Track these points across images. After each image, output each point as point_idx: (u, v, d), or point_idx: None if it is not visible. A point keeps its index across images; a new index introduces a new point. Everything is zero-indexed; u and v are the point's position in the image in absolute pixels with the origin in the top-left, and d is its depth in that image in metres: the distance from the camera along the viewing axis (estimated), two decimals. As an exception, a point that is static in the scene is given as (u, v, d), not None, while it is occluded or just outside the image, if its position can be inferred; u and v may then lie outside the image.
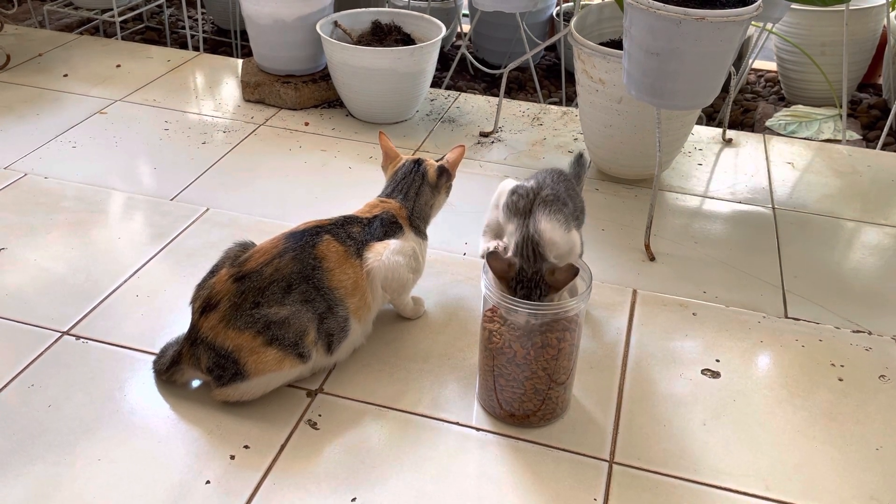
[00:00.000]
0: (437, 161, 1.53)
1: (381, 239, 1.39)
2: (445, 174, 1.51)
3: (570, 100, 2.73)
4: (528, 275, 1.16)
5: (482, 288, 1.21)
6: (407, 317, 1.51)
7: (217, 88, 2.43)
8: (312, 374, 1.35)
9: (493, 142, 2.30)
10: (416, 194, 1.48)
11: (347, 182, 2.05)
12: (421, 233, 1.47)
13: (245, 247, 1.35)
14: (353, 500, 1.15)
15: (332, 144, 2.27)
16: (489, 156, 2.25)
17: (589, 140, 2.10)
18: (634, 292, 1.63)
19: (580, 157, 1.49)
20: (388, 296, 1.42)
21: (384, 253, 1.36)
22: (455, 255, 1.74)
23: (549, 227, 1.21)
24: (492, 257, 1.17)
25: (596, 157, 2.11)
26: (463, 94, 2.47)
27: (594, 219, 1.92)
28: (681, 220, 1.95)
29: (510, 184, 1.31)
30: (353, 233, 1.37)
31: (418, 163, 1.49)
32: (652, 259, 1.75)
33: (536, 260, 1.17)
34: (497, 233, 1.30)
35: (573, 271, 1.16)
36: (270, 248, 1.30)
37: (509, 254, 1.21)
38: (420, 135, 2.35)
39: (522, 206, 1.24)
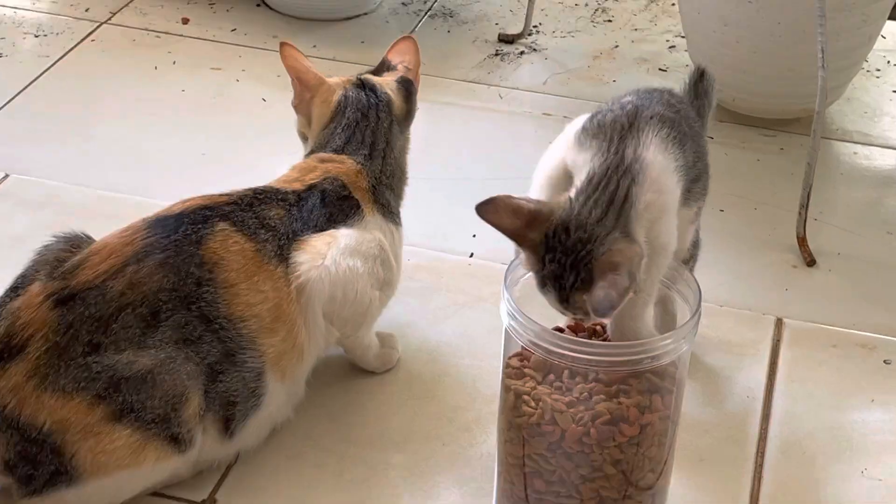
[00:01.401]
0: (377, 74, 1.55)
1: (322, 228, 1.39)
2: (413, 91, 1.54)
3: (662, -23, 2.75)
4: (573, 237, 1.14)
5: (503, 316, 1.21)
6: (369, 368, 1.52)
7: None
8: (198, 472, 1.36)
9: (522, 52, 2.31)
10: (385, 143, 1.49)
11: (260, 126, 2.05)
12: (392, 214, 1.48)
13: (74, 244, 1.35)
14: None
15: (231, 58, 2.26)
16: (515, 78, 2.24)
17: (696, 49, 2.10)
18: (779, 323, 1.63)
19: (701, 76, 1.47)
20: (337, 331, 1.43)
21: (328, 253, 1.37)
22: (455, 257, 1.75)
23: (661, 160, 1.21)
24: (484, 207, 1.15)
25: (709, 81, 2.14)
26: (469, -32, 2.48)
27: (706, 191, 1.93)
28: (863, 194, 1.94)
29: (581, 122, 1.30)
30: (271, 218, 1.37)
31: (369, 87, 1.51)
32: (810, 263, 1.75)
33: (607, 215, 1.14)
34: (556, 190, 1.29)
35: (606, 302, 1.11)
36: (120, 248, 1.31)
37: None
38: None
39: (613, 119, 1.23)
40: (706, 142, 1.39)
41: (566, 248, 1.14)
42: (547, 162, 1.29)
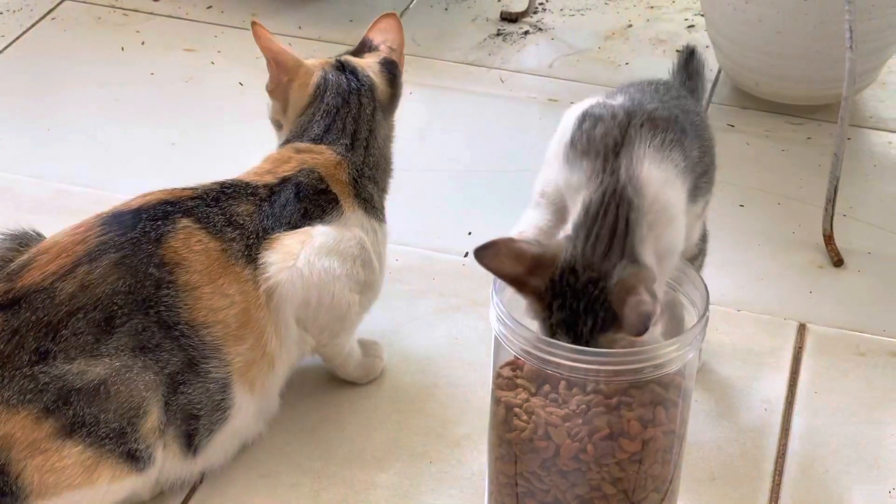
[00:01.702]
0: (357, 55, 1.55)
1: (296, 226, 1.40)
2: (398, 74, 1.54)
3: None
4: (582, 279, 1.17)
5: (493, 322, 1.21)
6: (350, 378, 1.53)
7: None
8: (159, 492, 1.36)
9: (526, 32, 2.31)
10: (368, 132, 1.50)
11: (237, 113, 2.05)
12: (375, 210, 1.49)
13: (22, 242, 1.35)
14: None
15: (205, 38, 2.26)
16: (520, 59, 2.24)
17: (715, 29, 2.10)
18: (802, 329, 1.63)
19: (691, 55, 1.48)
20: (313, 338, 1.43)
21: (301, 253, 1.37)
22: (447, 257, 1.75)
23: (657, 175, 1.21)
24: (483, 252, 1.15)
25: (729, 64, 2.12)
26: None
27: (724, 184, 1.87)
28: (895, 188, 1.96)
29: (583, 106, 1.30)
30: (240, 215, 1.38)
31: (350, 70, 1.51)
32: (838, 263, 1.75)
33: (612, 249, 1.17)
34: (561, 206, 1.29)
35: (643, 319, 1.12)
36: (72, 246, 1.31)
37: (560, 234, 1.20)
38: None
39: (603, 134, 1.23)
40: (711, 132, 1.38)
41: (576, 292, 1.15)
42: (544, 178, 1.29)
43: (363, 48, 1.57)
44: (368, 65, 1.53)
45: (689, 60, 1.46)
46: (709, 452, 1.44)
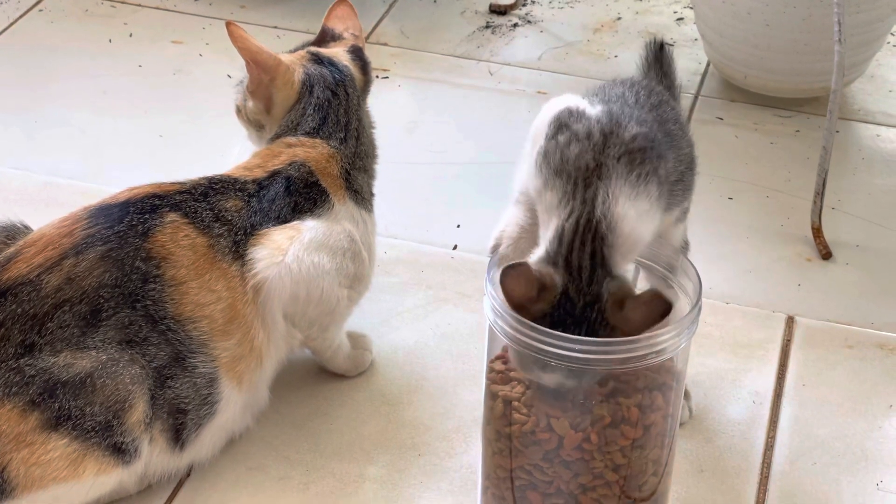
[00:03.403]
0: (319, 45, 1.54)
1: (286, 220, 1.40)
2: (368, 61, 1.54)
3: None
4: (579, 306, 1.18)
5: (486, 312, 1.21)
6: (338, 371, 1.53)
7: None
8: (145, 486, 1.36)
9: (515, 24, 2.31)
10: (358, 122, 1.50)
11: (225, 106, 2.00)
12: (364, 201, 1.49)
13: (10, 234, 1.35)
14: None
15: (193, 30, 2.26)
16: (509, 52, 2.24)
17: (704, 22, 2.11)
18: (790, 322, 1.64)
19: (660, 49, 1.46)
20: (302, 333, 1.43)
21: (290, 249, 1.37)
22: (436, 250, 1.75)
23: (632, 212, 1.21)
24: (510, 271, 1.17)
25: (717, 57, 2.12)
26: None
27: (713, 177, 1.92)
28: (885, 180, 1.95)
29: (558, 106, 1.29)
30: (228, 210, 1.38)
31: (327, 62, 1.51)
32: (826, 256, 1.76)
33: (595, 274, 1.18)
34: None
35: (661, 307, 1.16)
36: (58, 239, 1.31)
37: (536, 257, 1.21)
38: (369, 11, 2.33)
39: (577, 155, 1.23)
40: (690, 138, 1.36)
41: (577, 319, 1.17)
42: (522, 178, 1.29)
43: (326, 38, 1.56)
44: (337, 54, 1.52)
45: (659, 54, 1.44)
46: (697, 444, 1.45)
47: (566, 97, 1.29)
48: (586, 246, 1.18)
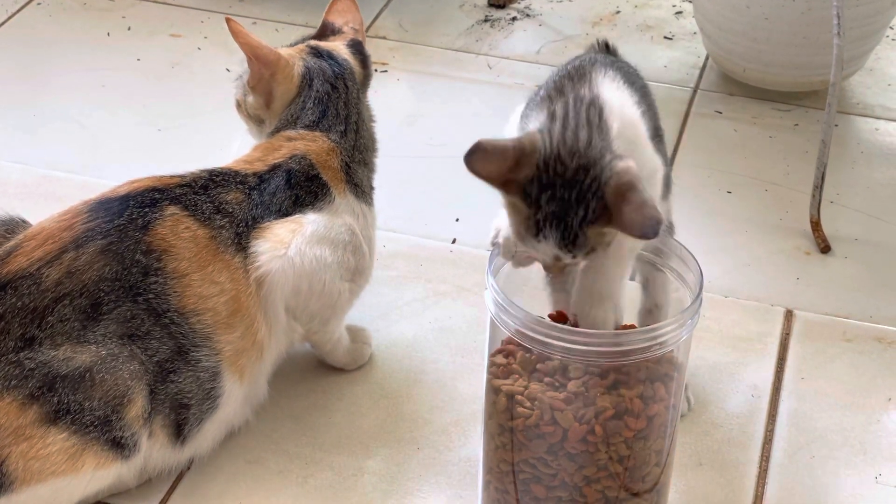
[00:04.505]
0: (319, 39, 1.54)
1: (287, 213, 1.40)
2: (367, 55, 1.54)
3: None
4: (570, 168, 1.12)
5: (489, 305, 1.21)
6: (338, 365, 1.53)
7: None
8: (145, 480, 1.36)
9: (514, 18, 2.31)
10: (357, 115, 1.50)
11: (223, 99, 2.00)
12: (364, 194, 1.49)
13: (9, 228, 1.35)
14: None
15: (192, 23, 2.26)
16: (507, 46, 2.24)
17: (703, 15, 2.11)
18: (789, 315, 1.64)
19: (606, 49, 1.47)
20: (303, 326, 1.43)
21: (292, 242, 1.37)
22: (435, 243, 1.75)
23: (618, 97, 1.18)
24: (473, 153, 1.11)
25: (716, 51, 2.12)
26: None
27: (712, 170, 1.92)
28: (884, 174, 1.94)
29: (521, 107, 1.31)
30: (229, 203, 1.37)
31: (327, 55, 1.50)
32: (825, 250, 1.76)
33: (594, 133, 1.13)
34: None
35: (654, 222, 1.08)
36: (58, 233, 1.31)
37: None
38: (368, 5, 2.33)
39: (549, 80, 1.23)
40: (650, 92, 1.35)
41: (566, 182, 1.11)
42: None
43: (326, 32, 1.56)
44: (337, 48, 1.52)
45: (605, 52, 1.43)
46: (696, 438, 1.45)
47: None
48: (581, 114, 1.14)
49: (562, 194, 1.11)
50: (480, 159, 1.12)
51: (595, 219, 1.11)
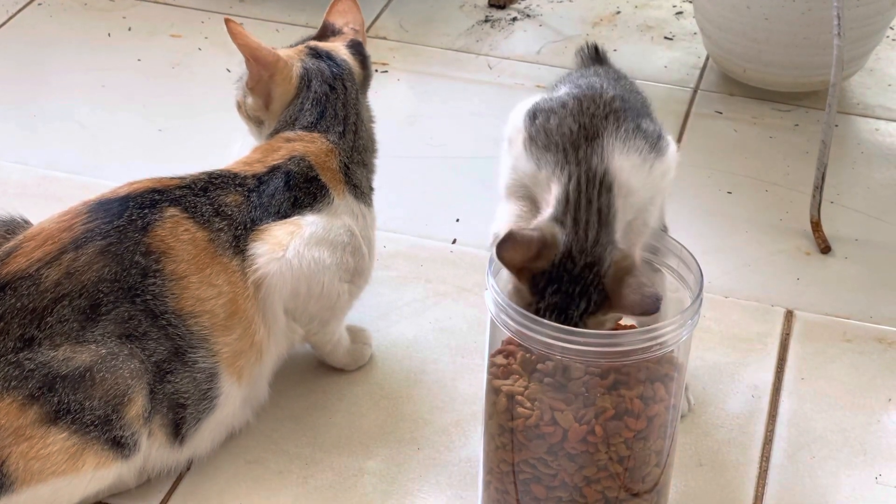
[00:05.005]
0: (321, 40, 1.54)
1: (286, 215, 1.40)
2: (367, 55, 1.54)
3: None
4: (579, 265, 1.18)
5: (489, 306, 1.21)
6: (338, 365, 1.53)
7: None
8: (144, 480, 1.36)
9: (514, 18, 2.31)
10: (356, 116, 1.50)
11: (224, 100, 2.01)
12: (363, 195, 1.49)
13: (10, 228, 1.35)
14: None
15: (192, 23, 2.27)
16: (508, 46, 2.25)
17: (703, 15, 2.12)
18: (789, 316, 1.64)
19: (596, 52, 1.48)
20: (302, 328, 1.43)
21: (291, 244, 1.37)
22: (435, 244, 1.75)
23: (627, 164, 1.23)
24: (504, 243, 1.17)
25: (716, 51, 2.13)
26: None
27: (712, 170, 1.93)
28: (884, 174, 1.95)
29: (525, 106, 1.31)
30: (228, 205, 1.37)
31: (325, 56, 1.51)
32: (825, 250, 1.76)
33: (601, 235, 1.19)
34: (529, 195, 1.30)
35: (653, 305, 1.16)
36: (58, 233, 1.31)
37: (542, 217, 1.21)
38: (369, 5, 2.34)
39: (559, 124, 1.24)
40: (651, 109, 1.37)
41: (573, 277, 1.17)
42: (504, 176, 1.30)
43: (326, 32, 1.56)
44: (336, 48, 1.52)
45: (595, 55, 1.47)
46: (696, 438, 1.45)
47: (532, 98, 1.32)
48: (593, 203, 1.19)
49: (566, 288, 1.17)
50: (510, 248, 1.18)
51: (596, 310, 1.17)
